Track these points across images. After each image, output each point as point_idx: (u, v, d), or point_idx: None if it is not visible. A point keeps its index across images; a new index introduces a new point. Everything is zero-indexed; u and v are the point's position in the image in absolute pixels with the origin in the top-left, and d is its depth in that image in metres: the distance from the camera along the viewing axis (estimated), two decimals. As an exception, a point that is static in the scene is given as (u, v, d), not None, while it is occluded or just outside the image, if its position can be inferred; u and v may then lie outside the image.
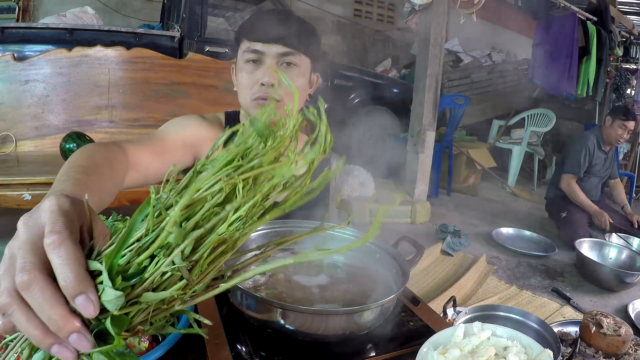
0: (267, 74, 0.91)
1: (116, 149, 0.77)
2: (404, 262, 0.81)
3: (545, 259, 2.85)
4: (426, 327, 0.75)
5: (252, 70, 0.93)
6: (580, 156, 3.15)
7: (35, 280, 0.32)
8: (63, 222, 0.36)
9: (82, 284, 0.32)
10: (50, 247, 0.33)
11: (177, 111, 2.79)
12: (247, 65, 0.94)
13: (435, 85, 3.50)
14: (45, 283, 0.33)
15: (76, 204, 0.40)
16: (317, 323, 0.65)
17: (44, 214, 0.37)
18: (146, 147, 0.88)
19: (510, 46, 7.44)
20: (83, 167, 0.59)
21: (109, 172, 0.67)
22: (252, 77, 0.93)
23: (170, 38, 3.16)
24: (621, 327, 1.59)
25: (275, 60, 0.92)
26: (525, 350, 0.63)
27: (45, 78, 2.62)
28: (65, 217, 0.36)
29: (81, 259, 0.34)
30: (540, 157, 5.03)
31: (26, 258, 0.33)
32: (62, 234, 0.34)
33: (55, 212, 0.36)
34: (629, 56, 5.73)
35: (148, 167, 0.86)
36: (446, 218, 3.58)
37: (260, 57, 0.92)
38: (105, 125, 2.73)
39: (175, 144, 0.95)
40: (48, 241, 0.34)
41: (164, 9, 4.12)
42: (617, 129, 3.14)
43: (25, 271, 0.32)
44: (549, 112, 4.94)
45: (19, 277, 0.32)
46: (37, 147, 2.60)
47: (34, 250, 0.34)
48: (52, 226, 0.35)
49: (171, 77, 2.83)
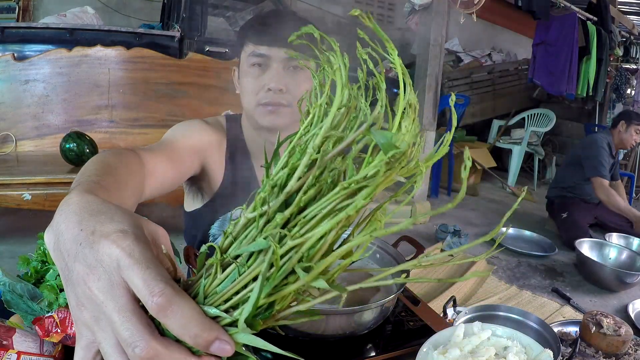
0: (273, 79, 0.88)
1: (130, 154, 0.72)
2: (404, 262, 0.81)
3: (545, 259, 2.85)
4: (426, 327, 0.75)
5: (257, 74, 0.90)
6: (603, 158, 3.11)
7: (157, 352, 0.30)
8: (156, 273, 0.31)
9: (212, 332, 0.30)
10: (161, 314, 0.30)
11: (177, 111, 2.79)
12: (252, 69, 0.91)
13: (435, 85, 3.50)
14: (169, 349, 0.30)
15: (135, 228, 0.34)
16: (317, 323, 0.65)
17: (115, 264, 0.31)
18: (160, 154, 0.84)
19: (510, 46, 7.44)
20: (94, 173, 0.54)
21: (125, 176, 0.62)
22: (258, 82, 0.90)
23: (170, 38, 3.16)
24: (621, 327, 1.59)
25: (282, 64, 0.89)
26: (525, 350, 0.63)
27: (45, 78, 2.62)
28: (148, 263, 0.31)
29: (196, 308, 0.31)
30: (540, 157, 5.03)
31: (132, 330, 0.30)
32: (165, 292, 0.30)
33: (135, 263, 0.31)
34: (629, 56, 5.73)
35: (164, 175, 0.82)
36: (446, 218, 3.58)
37: (266, 61, 0.89)
38: (105, 125, 2.73)
39: (185, 150, 0.92)
40: (154, 305, 0.30)
41: (164, 8, 4.12)
42: (632, 134, 3.16)
43: (139, 347, 0.29)
44: (549, 112, 4.94)
45: (136, 353, 0.29)
46: (37, 147, 2.60)
47: (135, 318, 0.30)
48: (146, 285, 0.30)
49: (171, 77, 2.83)
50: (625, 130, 3.19)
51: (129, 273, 0.31)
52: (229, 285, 0.33)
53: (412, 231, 3.19)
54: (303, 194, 0.32)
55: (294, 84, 0.89)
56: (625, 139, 3.21)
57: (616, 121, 3.30)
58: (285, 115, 0.91)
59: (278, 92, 0.89)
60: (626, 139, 3.20)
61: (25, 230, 2.56)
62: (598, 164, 3.09)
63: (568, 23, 4.31)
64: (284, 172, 0.34)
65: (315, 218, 0.32)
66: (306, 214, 0.32)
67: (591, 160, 3.13)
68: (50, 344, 0.65)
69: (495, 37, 7.47)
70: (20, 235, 2.50)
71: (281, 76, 0.88)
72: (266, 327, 0.34)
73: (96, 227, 0.34)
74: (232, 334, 0.32)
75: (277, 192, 0.33)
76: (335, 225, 0.31)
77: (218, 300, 0.33)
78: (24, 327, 0.67)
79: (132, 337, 0.30)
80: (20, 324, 0.67)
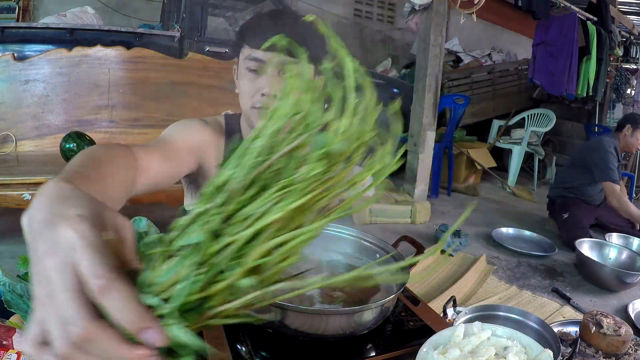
0: (268, 84, 0.89)
1: (121, 148, 0.74)
2: (404, 262, 0.81)
3: (545, 259, 2.85)
4: (426, 327, 0.75)
5: (253, 78, 0.91)
6: (612, 163, 3.09)
7: (93, 333, 0.31)
8: (103, 258, 0.33)
9: (145, 320, 0.32)
10: (100, 295, 0.32)
11: (177, 111, 2.79)
12: (248, 72, 0.92)
13: (435, 85, 3.50)
14: (104, 332, 0.32)
15: (95, 215, 0.37)
16: (317, 323, 0.65)
17: (69, 246, 0.33)
18: (155, 151, 0.85)
19: (510, 46, 7.44)
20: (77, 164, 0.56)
21: (111, 167, 0.63)
22: (253, 85, 0.91)
23: (170, 38, 3.16)
24: (621, 327, 1.59)
25: (277, 69, 0.90)
26: (525, 350, 0.63)
27: (45, 78, 2.62)
28: (97, 248, 0.33)
29: (134, 295, 0.33)
30: (540, 157, 5.03)
31: (73, 309, 0.32)
32: (106, 275, 0.32)
33: (86, 246, 0.33)
34: (629, 56, 5.73)
35: (158, 172, 0.84)
36: (446, 218, 3.58)
37: (261, 65, 0.90)
38: (105, 125, 2.73)
39: (182, 149, 0.94)
40: (94, 287, 0.32)
41: (164, 8, 4.13)
42: (638, 138, 3.16)
43: (77, 326, 0.31)
44: (549, 112, 4.94)
45: (73, 331, 0.31)
46: (37, 147, 2.60)
47: (78, 298, 0.32)
48: (92, 267, 0.32)
49: (171, 77, 2.82)
50: (631, 134, 3.18)
51: (79, 255, 0.33)
52: (169, 277, 0.33)
53: (412, 231, 3.20)
54: (241, 194, 0.34)
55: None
56: (631, 143, 3.19)
57: (622, 124, 3.27)
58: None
59: (272, 97, 0.89)
60: (632, 143, 3.19)
61: (25, 230, 2.56)
62: (608, 168, 3.07)
63: (568, 23, 4.31)
64: (229, 172, 0.35)
65: (251, 217, 0.33)
66: (244, 213, 0.33)
67: (600, 164, 3.10)
68: (50, 344, 0.65)
69: (495, 37, 7.48)
70: (20, 235, 2.45)
71: (275, 82, 0.89)
72: (203, 323, 0.34)
73: (61, 210, 0.36)
74: (166, 325, 0.32)
75: (221, 190, 0.35)
76: (269, 225, 0.32)
77: (158, 290, 0.33)
78: (24, 327, 0.67)
79: (72, 317, 0.31)
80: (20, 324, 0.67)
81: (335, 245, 0.93)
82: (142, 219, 0.80)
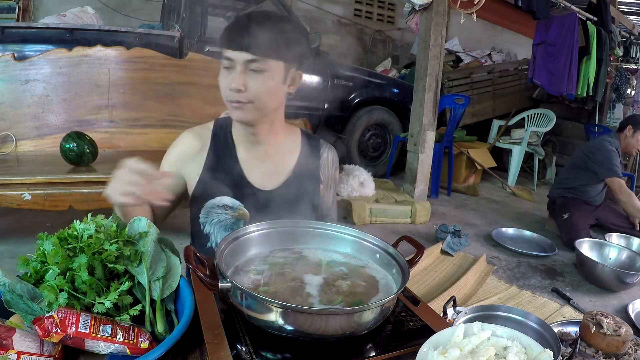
0: (234, 80, 0.99)
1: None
2: (404, 262, 0.81)
3: (545, 259, 2.85)
4: (426, 327, 0.75)
5: (226, 75, 1.02)
6: (616, 160, 3.10)
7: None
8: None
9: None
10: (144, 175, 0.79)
11: (177, 111, 2.79)
12: (223, 70, 1.03)
13: (435, 85, 3.50)
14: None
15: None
16: (317, 323, 0.65)
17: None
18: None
19: (510, 46, 7.45)
20: None
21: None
22: (226, 81, 1.02)
23: (170, 38, 3.16)
24: (621, 327, 1.59)
25: (243, 66, 0.99)
26: (525, 350, 0.63)
27: (45, 78, 2.62)
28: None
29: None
30: (540, 157, 5.03)
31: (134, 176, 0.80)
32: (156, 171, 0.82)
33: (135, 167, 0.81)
34: (629, 56, 5.73)
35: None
36: (446, 218, 3.58)
37: (232, 63, 1.00)
38: (105, 125, 2.73)
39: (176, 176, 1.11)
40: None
41: (164, 8, 4.12)
42: (638, 140, 3.16)
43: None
44: (549, 112, 4.94)
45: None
46: (37, 147, 2.60)
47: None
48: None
49: (171, 77, 2.82)
50: (632, 135, 3.18)
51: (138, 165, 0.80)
52: None
53: (412, 231, 3.20)
54: None
55: (253, 84, 0.99)
56: (632, 144, 3.20)
57: (623, 125, 3.28)
58: (249, 111, 1.02)
59: (237, 92, 0.99)
60: (632, 144, 3.19)
61: (25, 230, 2.56)
62: (612, 164, 3.09)
63: (568, 23, 4.31)
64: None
65: None
66: None
67: (604, 162, 3.12)
68: (50, 344, 0.65)
69: (495, 37, 7.48)
70: (20, 235, 2.50)
71: (241, 77, 0.98)
72: None
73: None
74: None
75: None
76: None
77: None
78: (24, 327, 0.67)
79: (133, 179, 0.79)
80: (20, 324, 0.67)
81: (335, 245, 0.93)
82: (142, 218, 0.81)
